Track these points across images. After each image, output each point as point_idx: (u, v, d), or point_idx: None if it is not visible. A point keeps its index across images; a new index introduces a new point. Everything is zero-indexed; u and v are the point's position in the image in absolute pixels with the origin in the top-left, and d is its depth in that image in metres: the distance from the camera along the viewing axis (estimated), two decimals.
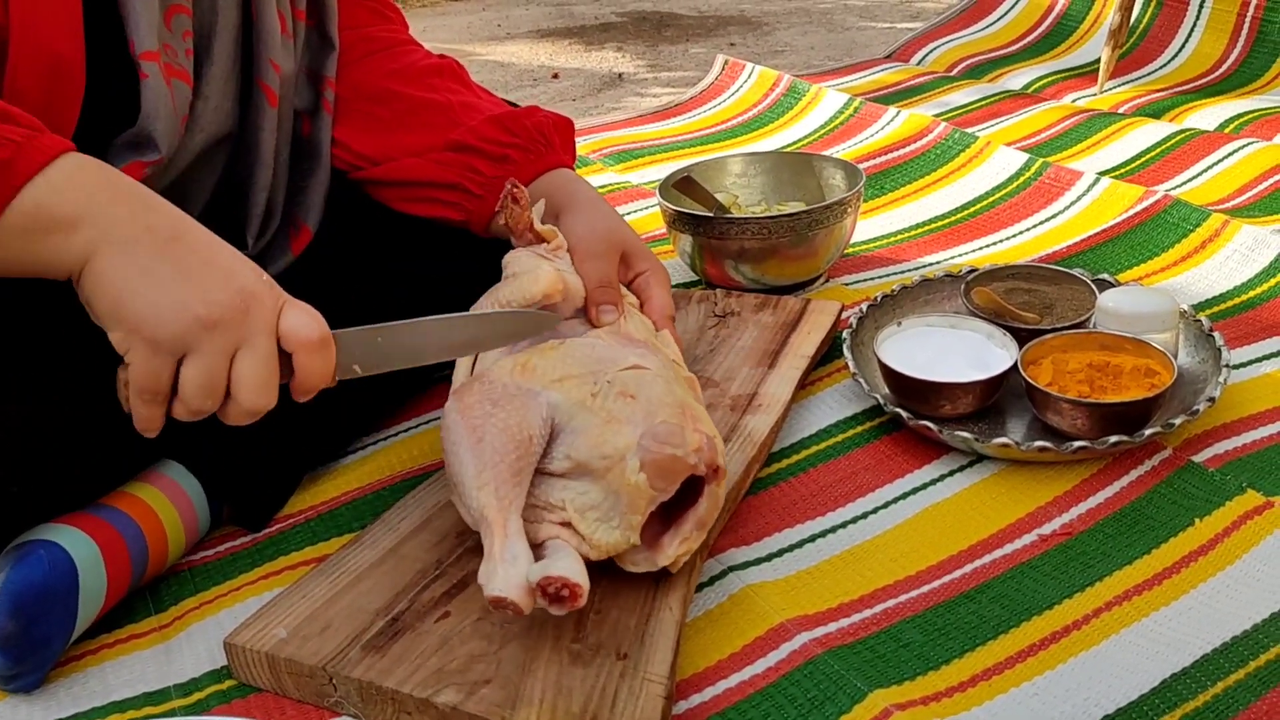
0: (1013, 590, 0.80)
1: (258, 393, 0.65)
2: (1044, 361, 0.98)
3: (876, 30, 2.85)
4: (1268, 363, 1.06)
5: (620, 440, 0.72)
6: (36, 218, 0.62)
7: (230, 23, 0.85)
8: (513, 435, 0.73)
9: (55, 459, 0.78)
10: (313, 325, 0.66)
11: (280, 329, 0.66)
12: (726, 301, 1.18)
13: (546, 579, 0.67)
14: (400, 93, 0.97)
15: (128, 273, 0.63)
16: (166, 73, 0.78)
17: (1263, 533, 0.83)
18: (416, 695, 0.69)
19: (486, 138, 0.94)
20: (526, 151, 0.94)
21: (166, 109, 0.78)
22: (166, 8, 0.79)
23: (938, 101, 1.99)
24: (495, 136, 0.94)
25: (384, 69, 0.99)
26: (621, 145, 1.90)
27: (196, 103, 0.83)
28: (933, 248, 1.40)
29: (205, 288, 0.63)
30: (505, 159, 0.93)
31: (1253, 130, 1.69)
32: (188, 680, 0.77)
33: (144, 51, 0.77)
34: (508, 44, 3.10)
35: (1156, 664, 0.72)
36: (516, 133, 0.94)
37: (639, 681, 0.69)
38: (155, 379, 0.64)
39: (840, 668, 0.73)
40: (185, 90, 0.81)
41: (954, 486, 0.92)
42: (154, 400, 0.65)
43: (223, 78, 0.85)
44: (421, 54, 1.03)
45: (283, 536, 0.91)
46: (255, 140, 0.89)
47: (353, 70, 0.98)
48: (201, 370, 0.63)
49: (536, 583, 0.67)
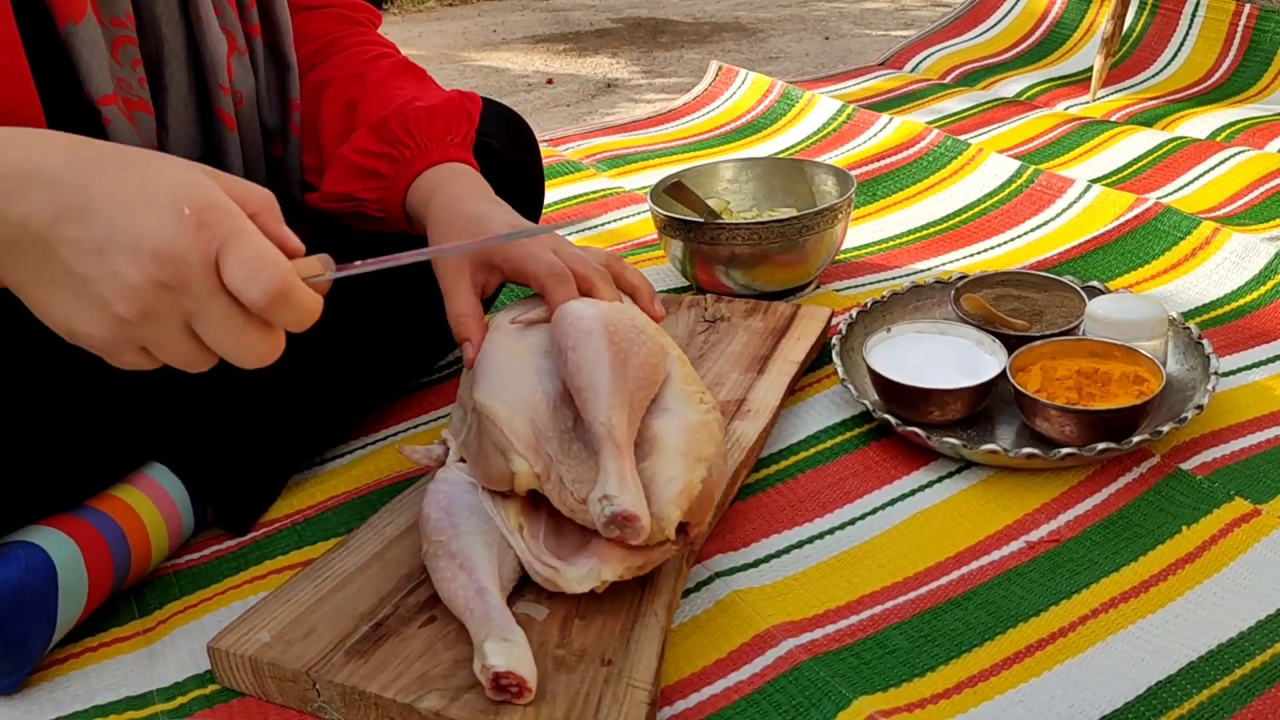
0: (999, 597, 0.80)
1: (238, 352, 0.54)
2: (1033, 368, 0.98)
3: (870, 38, 2.86)
4: (1256, 370, 1.06)
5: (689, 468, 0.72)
6: None
7: (177, 47, 0.83)
8: (651, 373, 0.74)
9: (36, 463, 0.77)
10: (257, 279, 0.52)
11: (227, 285, 0.52)
12: (716, 307, 1.18)
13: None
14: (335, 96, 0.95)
15: (26, 285, 0.53)
16: (126, 108, 0.78)
17: (1250, 540, 0.83)
18: (400, 700, 0.69)
19: (360, 149, 0.90)
20: (393, 161, 0.90)
21: (131, 133, 0.77)
22: (112, 39, 0.77)
23: (930, 109, 2.00)
24: (367, 146, 0.90)
25: (327, 75, 0.97)
26: (615, 151, 1.90)
27: (161, 133, 0.82)
28: (924, 254, 1.40)
29: (110, 275, 0.51)
30: (375, 173, 0.90)
31: (1244, 139, 1.70)
32: (171, 684, 0.77)
33: (101, 96, 0.75)
34: (502, 50, 3.11)
35: (1143, 671, 0.72)
36: (385, 137, 0.90)
37: (623, 687, 0.68)
38: (137, 365, 0.55)
39: (826, 674, 0.73)
40: (148, 120, 0.80)
41: (942, 493, 0.92)
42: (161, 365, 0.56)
43: (181, 105, 0.84)
44: (379, 51, 1.00)
45: (268, 540, 0.91)
46: (223, 167, 0.87)
47: (305, 79, 0.97)
48: (168, 355, 0.54)
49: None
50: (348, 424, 1.05)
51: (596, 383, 0.73)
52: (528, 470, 0.73)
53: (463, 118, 0.95)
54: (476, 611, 0.70)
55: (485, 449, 0.76)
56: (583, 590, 0.72)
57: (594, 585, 0.72)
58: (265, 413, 0.93)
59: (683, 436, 0.73)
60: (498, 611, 0.70)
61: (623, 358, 0.74)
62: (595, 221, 1.58)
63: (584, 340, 0.75)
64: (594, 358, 0.74)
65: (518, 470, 0.73)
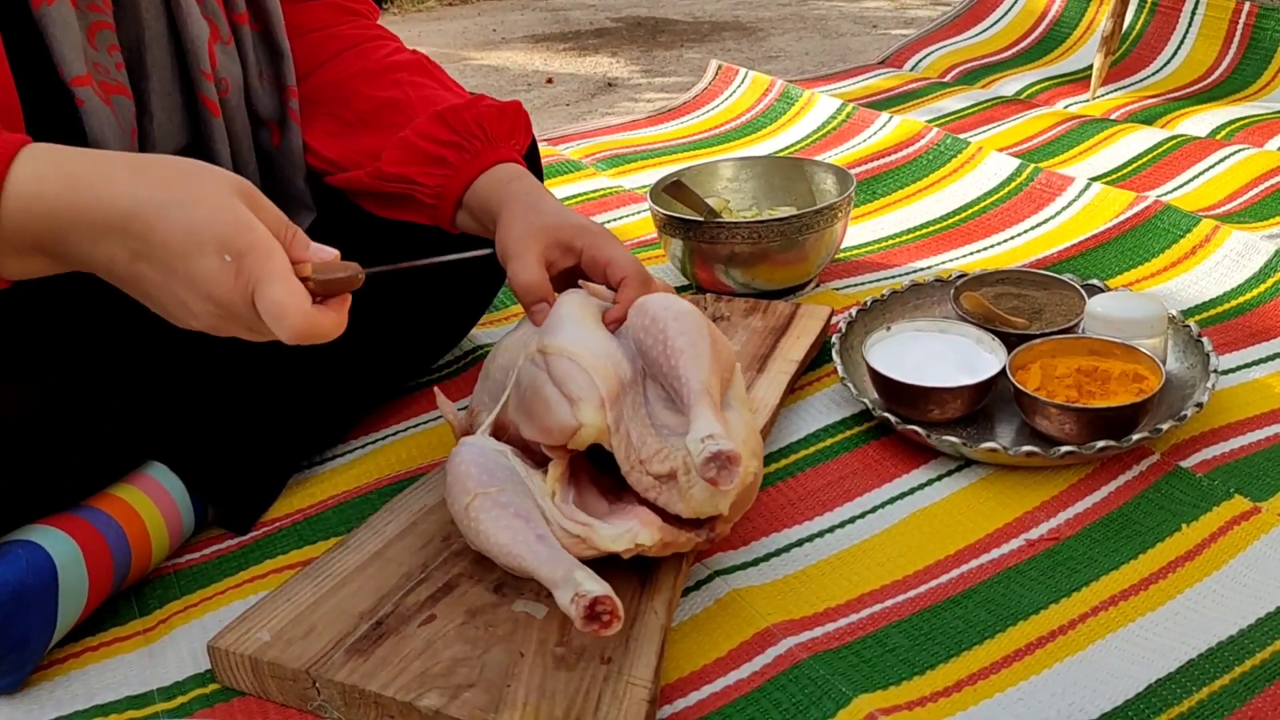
0: (999, 595, 0.80)
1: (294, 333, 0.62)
2: (1032, 366, 0.98)
3: (870, 36, 2.86)
4: (1256, 368, 1.06)
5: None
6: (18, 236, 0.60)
7: (158, 34, 0.83)
8: (731, 362, 0.79)
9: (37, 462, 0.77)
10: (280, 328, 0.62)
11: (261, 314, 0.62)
12: (716, 306, 1.18)
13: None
14: (361, 92, 0.96)
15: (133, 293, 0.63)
16: (103, 91, 0.78)
17: (1250, 538, 0.83)
18: (400, 699, 0.69)
19: (427, 135, 0.91)
20: (462, 150, 0.91)
21: (112, 128, 0.78)
22: (88, 24, 0.77)
23: (930, 107, 2.00)
24: (434, 134, 0.91)
25: (348, 69, 0.97)
26: (614, 150, 1.90)
27: (144, 120, 0.82)
28: (923, 253, 1.40)
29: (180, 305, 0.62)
30: (442, 160, 0.91)
31: (1244, 136, 1.70)
32: (171, 684, 0.77)
33: (74, 77, 0.76)
34: (502, 49, 3.11)
35: (1142, 669, 0.72)
36: (456, 128, 0.91)
37: (623, 685, 0.68)
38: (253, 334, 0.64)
39: (825, 672, 0.73)
40: (127, 104, 0.80)
41: (942, 491, 0.92)
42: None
43: (164, 91, 0.84)
44: (389, 49, 1.01)
45: (269, 540, 0.91)
46: (209, 154, 0.88)
47: (320, 73, 0.97)
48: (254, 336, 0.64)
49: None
50: (348, 424, 1.05)
51: (698, 350, 0.74)
52: (598, 422, 0.74)
53: (524, 127, 0.97)
54: (543, 554, 0.70)
55: (549, 398, 0.75)
56: (616, 549, 0.72)
57: (627, 546, 0.72)
58: (265, 412, 0.93)
59: (744, 430, 0.75)
60: (565, 553, 0.70)
61: (715, 339, 0.77)
62: (595, 220, 1.58)
63: (683, 318, 0.76)
64: (694, 331, 0.76)
65: (585, 421, 0.73)
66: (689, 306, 0.78)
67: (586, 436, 0.74)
